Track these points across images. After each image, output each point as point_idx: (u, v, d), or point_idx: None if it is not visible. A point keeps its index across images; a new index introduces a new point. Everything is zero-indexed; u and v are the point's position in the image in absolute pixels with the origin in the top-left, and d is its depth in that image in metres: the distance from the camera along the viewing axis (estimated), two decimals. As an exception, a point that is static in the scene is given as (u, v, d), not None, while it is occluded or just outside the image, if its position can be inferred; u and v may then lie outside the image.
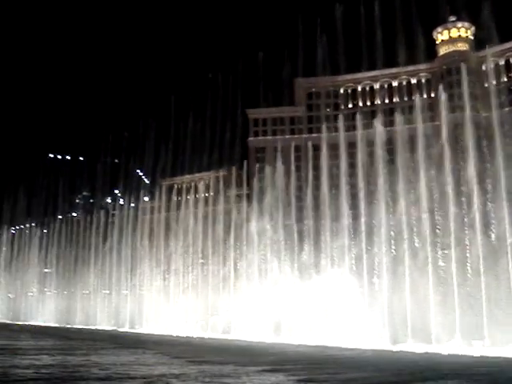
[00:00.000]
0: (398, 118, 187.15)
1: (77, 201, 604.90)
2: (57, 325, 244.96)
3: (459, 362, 76.84)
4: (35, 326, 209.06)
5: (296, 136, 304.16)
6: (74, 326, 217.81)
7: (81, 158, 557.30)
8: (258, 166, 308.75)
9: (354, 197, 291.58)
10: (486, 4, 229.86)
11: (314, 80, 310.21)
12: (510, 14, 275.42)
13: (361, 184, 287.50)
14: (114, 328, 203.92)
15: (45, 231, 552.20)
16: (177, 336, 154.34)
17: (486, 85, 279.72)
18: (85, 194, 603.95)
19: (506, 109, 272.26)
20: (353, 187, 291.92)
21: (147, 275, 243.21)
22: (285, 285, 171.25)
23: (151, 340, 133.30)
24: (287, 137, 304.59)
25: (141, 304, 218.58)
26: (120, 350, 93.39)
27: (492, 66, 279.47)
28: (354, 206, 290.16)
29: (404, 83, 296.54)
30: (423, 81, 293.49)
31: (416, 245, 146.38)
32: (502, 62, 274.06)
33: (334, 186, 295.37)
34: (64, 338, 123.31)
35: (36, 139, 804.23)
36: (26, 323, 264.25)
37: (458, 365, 72.67)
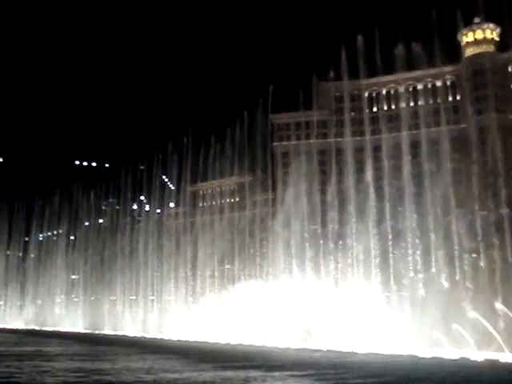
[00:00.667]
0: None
1: (103, 207, 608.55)
2: (85, 331, 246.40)
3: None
4: (64, 332, 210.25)
5: (320, 140, 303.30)
6: (102, 332, 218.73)
7: (106, 165, 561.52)
8: (282, 170, 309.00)
9: (379, 200, 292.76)
10: (511, 5, 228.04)
11: (337, 84, 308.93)
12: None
13: (386, 188, 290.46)
14: (142, 334, 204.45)
15: (72, 238, 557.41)
16: (202, 342, 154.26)
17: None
18: (110, 200, 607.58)
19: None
20: (379, 191, 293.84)
21: (173, 281, 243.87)
22: (312, 290, 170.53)
23: (177, 345, 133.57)
24: (311, 141, 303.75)
25: (166, 310, 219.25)
26: (147, 355, 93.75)
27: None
28: (380, 210, 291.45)
29: (429, 86, 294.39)
30: (448, 83, 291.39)
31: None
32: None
33: (361, 189, 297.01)
34: (92, 343, 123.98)
35: (61, 146, 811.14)
36: (55, 329, 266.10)
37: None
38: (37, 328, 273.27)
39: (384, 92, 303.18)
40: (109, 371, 58.94)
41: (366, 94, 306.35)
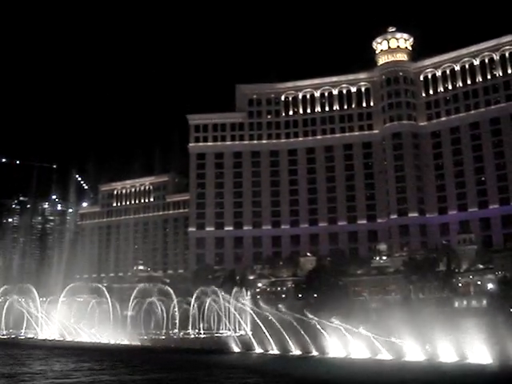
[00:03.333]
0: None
1: (13, 206, 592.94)
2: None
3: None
4: None
5: (237, 142, 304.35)
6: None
7: (17, 162, 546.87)
8: (198, 172, 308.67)
9: (295, 203, 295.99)
10: (424, 15, 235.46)
11: (255, 86, 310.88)
12: (447, 25, 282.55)
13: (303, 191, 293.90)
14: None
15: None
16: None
17: (424, 94, 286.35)
18: (21, 198, 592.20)
19: (443, 118, 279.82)
20: (293, 194, 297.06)
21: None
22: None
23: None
24: (228, 143, 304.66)
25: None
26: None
27: (430, 76, 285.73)
28: (295, 213, 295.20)
29: (344, 92, 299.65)
30: (363, 90, 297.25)
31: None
32: (438, 73, 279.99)
33: (275, 192, 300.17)
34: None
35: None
36: None
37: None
38: None
39: (300, 96, 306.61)
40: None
41: (283, 98, 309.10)
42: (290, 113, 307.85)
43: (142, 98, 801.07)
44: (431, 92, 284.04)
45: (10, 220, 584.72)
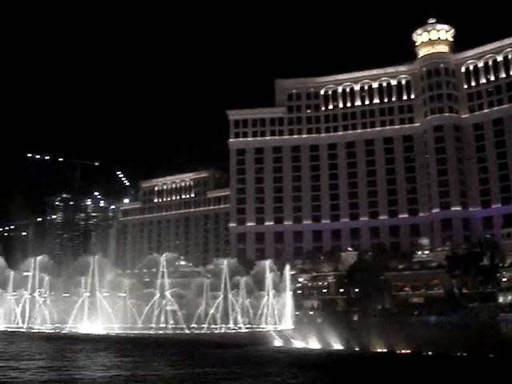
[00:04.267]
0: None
1: (56, 203, 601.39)
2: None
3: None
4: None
5: (277, 137, 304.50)
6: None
7: (60, 159, 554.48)
8: (238, 167, 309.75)
9: (335, 198, 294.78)
10: (465, 6, 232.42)
11: (294, 81, 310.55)
12: (489, 15, 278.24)
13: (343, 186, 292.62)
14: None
15: (24, 233, 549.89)
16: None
17: (466, 86, 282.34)
18: (64, 195, 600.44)
19: (486, 110, 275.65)
20: (334, 188, 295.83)
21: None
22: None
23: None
24: (267, 138, 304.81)
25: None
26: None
27: (471, 67, 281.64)
28: (335, 207, 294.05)
29: (384, 85, 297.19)
30: (403, 82, 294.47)
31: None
32: (480, 64, 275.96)
33: (315, 187, 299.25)
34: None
35: (13, 139, 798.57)
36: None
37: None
38: None
39: (340, 90, 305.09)
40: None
41: (323, 92, 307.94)
42: (330, 107, 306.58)
43: (183, 95, 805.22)
44: (473, 84, 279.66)
45: (54, 217, 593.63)
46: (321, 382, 48.25)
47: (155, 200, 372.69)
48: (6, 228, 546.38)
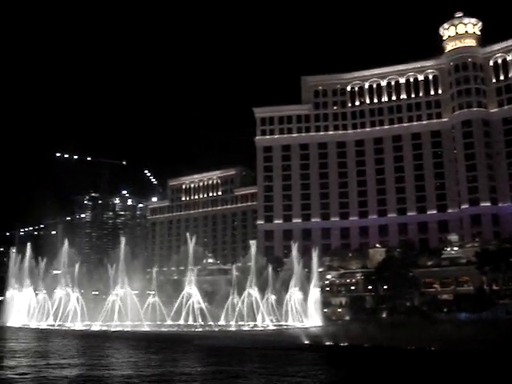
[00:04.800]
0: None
1: (85, 202, 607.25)
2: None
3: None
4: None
5: (303, 134, 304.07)
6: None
7: (88, 159, 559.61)
8: (265, 164, 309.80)
9: (363, 194, 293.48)
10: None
11: (320, 78, 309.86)
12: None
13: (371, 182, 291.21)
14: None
15: (53, 232, 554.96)
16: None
17: (494, 80, 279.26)
18: (93, 194, 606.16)
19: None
20: (362, 185, 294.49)
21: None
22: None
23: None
24: (294, 135, 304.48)
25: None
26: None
27: (500, 61, 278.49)
28: (363, 204, 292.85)
29: (411, 80, 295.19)
30: (430, 77, 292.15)
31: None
32: (509, 58, 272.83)
33: (343, 183, 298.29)
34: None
35: (42, 138, 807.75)
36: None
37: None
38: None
39: (367, 86, 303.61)
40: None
41: (349, 88, 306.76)
42: (357, 103, 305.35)
43: (209, 93, 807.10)
44: (501, 77, 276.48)
45: (83, 216, 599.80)
46: (351, 380, 48.03)
47: (183, 198, 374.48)
48: (36, 227, 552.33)
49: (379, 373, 52.54)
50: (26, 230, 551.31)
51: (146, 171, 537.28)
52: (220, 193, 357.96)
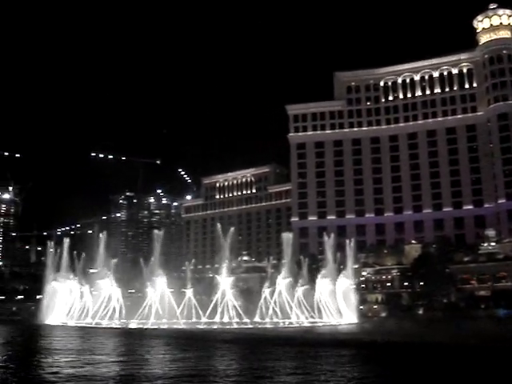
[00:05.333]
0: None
1: (120, 201, 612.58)
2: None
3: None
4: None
5: (337, 131, 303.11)
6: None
7: (123, 158, 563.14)
8: (298, 161, 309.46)
9: (398, 190, 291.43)
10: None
11: (353, 73, 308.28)
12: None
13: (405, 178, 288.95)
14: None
15: (90, 232, 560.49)
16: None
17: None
18: (128, 194, 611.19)
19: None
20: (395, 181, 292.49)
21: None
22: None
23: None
24: (328, 132, 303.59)
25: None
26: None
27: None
28: (398, 200, 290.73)
29: (445, 74, 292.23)
30: (465, 71, 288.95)
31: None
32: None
33: (377, 179, 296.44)
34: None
35: (77, 138, 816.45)
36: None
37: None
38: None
39: (400, 81, 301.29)
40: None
41: (382, 83, 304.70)
42: (390, 98, 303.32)
43: (242, 91, 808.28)
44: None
45: (118, 215, 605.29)
46: (387, 376, 47.76)
47: (217, 196, 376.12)
48: (73, 227, 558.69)
49: (416, 369, 52.14)
50: (63, 229, 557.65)
51: (180, 170, 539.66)
52: (254, 190, 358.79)
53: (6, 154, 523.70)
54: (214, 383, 43.10)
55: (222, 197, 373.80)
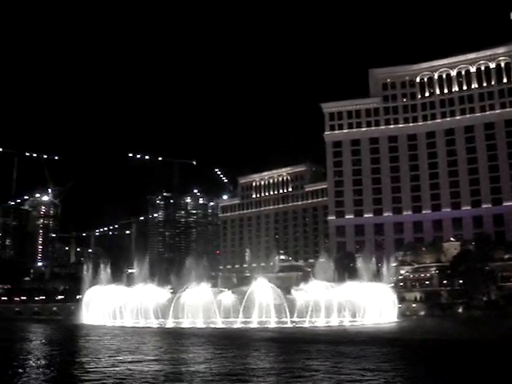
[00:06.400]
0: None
1: (157, 201, 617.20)
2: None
3: None
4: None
5: (373, 128, 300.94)
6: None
7: (159, 159, 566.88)
8: (334, 160, 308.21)
9: (435, 187, 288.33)
10: None
11: (388, 70, 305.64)
12: None
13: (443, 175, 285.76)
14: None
15: (127, 232, 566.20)
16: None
17: None
18: (165, 194, 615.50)
19: None
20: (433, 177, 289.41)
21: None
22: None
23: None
24: (363, 129, 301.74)
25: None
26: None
27: None
28: (436, 197, 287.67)
29: (482, 68, 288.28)
30: (502, 65, 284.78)
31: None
32: None
33: (414, 177, 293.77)
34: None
35: (114, 139, 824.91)
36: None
37: None
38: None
39: (436, 76, 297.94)
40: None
41: (418, 80, 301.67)
42: (426, 94, 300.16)
43: (277, 90, 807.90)
44: None
45: (156, 215, 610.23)
46: (430, 375, 47.28)
47: (253, 195, 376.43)
48: (111, 227, 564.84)
49: (459, 367, 51.52)
50: (102, 230, 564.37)
51: (216, 170, 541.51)
52: (290, 189, 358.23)
53: (45, 156, 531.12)
54: (255, 381, 43.21)
55: (258, 196, 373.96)
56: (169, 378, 44.60)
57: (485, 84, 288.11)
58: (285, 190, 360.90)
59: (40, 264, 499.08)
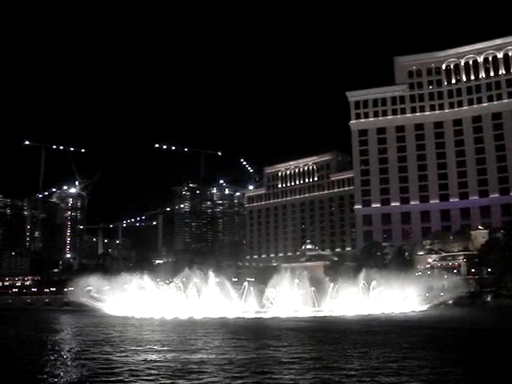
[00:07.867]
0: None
1: (183, 192, 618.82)
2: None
3: None
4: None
5: (399, 116, 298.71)
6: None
7: (185, 150, 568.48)
8: (360, 148, 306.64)
9: (463, 175, 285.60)
10: None
11: (414, 57, 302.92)
12: None
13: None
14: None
15: (154, 223, 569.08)
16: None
17: None
18: (191, 185, 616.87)
19: None
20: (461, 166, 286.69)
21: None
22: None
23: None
24: (389, 117, 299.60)
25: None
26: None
27: None
28: (463, 185, 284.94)
29: (510, 54, 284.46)
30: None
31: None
32: None
33: (441, 165, 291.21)
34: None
35: (141, 130, 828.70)
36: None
37: None
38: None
39: (462, 63, 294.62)
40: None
41: (444, 67, 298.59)
42: (453, 81, 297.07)
43: (303, 79, 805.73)
44: None
45: (182, 206, 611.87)
46: (459, 362, 47.15)
47: (279, 185, 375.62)
48: (138, 218, 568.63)
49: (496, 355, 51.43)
50: (129, 221, 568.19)
51: (242, 160, 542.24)
52: (316, 178, 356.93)
53: (72, 149, 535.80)
54: (283, 369, 43.65)
55: (284, 186, 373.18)
56: (200, 365, 44.92)
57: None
58: (311, 180, 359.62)
59: (68, 255, 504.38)
